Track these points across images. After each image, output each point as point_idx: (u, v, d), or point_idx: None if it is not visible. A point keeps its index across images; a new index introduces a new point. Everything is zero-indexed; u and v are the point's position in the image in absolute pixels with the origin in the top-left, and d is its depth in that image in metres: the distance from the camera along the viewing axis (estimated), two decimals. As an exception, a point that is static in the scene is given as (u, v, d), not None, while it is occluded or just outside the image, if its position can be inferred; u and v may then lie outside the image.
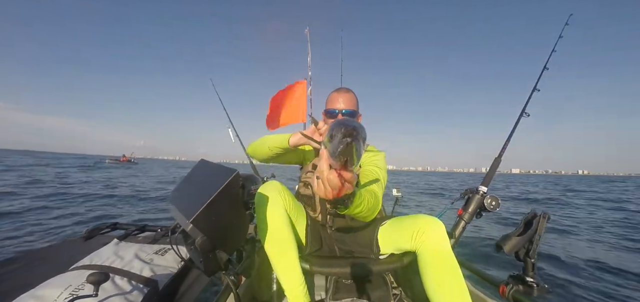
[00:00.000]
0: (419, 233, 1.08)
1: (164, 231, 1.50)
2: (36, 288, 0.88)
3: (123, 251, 1.18)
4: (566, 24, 1.72)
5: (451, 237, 1.33)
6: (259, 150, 1.27)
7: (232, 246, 0.86)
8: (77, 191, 7.65)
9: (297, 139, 1.14)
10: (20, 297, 0.84)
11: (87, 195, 7.09)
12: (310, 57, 2.91)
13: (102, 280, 0.80)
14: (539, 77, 1.61)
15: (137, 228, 1.60)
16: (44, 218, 4.43)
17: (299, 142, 1.15)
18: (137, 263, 1.10)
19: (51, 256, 1.30)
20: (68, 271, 1.02)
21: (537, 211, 1.11)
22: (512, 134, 1.52)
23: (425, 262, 1.06)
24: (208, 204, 0.68)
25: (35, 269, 1.17)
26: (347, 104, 1.21)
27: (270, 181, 1.10)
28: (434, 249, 1.05)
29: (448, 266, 1.03)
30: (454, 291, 1.00)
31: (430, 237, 1.06)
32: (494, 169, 1.46)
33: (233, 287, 0.97)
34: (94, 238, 1.49)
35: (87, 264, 1.08)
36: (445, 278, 1.02)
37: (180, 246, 0.99)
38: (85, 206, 5.82)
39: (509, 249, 1.08)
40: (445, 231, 1.08)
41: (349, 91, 1.24)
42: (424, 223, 1.10)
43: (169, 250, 1.26)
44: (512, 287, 1.07)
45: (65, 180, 10.18)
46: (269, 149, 1.21)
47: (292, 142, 1.14)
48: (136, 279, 1.01)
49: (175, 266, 1.17)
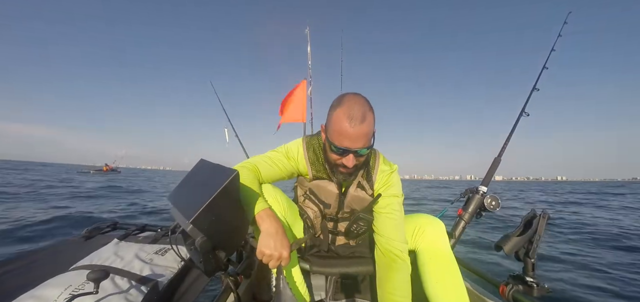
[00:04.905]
0: (418, 232, 1.08)
1: (164, 231, 1.49)
2: (36, 288, 0.88)
3: (123, 251, 1.18)
4: (565, 23, 1.72)
5: (451, 237, 1.33)
6: (244, 181, 0.91)
7: (232, 246, 0.86)
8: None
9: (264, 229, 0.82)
10: (20, 297, 0.84)
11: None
12: (310, 57, 2.92)
13: (101, 277, 0.80)
14: (538, 76, 1.61)
15: (137, 228, 1.59)
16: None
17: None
18: (137, 263, 1.10)
19: (51, 256, 1.30)
20: (68, 271, 1.02)
21: (537, 211, 1.11)
22: (511, 133, 1.52)
23: (424, 262, 1.06)
24: (208, 205, 0.68)
25: (35, 269, 1.17)
26: (364, 141, 0.89)
27: (264, 185, 1.03)
28: (433, 248, 1.05)
29: (447, 265, 1.03)
30: (452, 291, 1.00)
31: (430, 237, 1.06)
32: (494, 169, 1.46)
33: (233, 288, 0.97)
34: (94, 238, 1.48)
35: (87, 264, 1.08)
36: (443, 277, 1.02)
37: (180, 246, 0.99)
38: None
39: (509, 249, 1.08)
40: (445, 230, 1.08)
41: (364, 119, 0.87)
42: (424, 222, 1.10)
43: (169, 250, 1.26)
44: (512, 287, 1.07)
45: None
46: (244, 192, 0.89)
47: (260, 217, 0.84)
48: (136, 279, 1.01)
49: (175, 266, 1.17)
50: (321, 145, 1.09)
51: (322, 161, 1.08)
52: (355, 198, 1.09)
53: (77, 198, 7.90)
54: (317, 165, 1.09)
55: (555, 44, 1.66)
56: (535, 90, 1.58)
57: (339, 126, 0.88)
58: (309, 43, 2.96)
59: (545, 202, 11.38)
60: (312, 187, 1.12)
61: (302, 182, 1.16)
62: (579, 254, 3.58)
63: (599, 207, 9.09)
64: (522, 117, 1.54)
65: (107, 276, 0.82)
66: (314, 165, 1.09)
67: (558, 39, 1.67)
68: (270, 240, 0.78)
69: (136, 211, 6.56)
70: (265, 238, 0.79)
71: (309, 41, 2.97)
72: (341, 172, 0.97)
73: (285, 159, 1.08)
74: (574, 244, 4.06)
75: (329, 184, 1.08)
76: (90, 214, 5.57)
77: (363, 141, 0.89)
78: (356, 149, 0.89)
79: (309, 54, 2.93)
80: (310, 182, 1.12)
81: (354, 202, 1.10)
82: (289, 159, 1.08)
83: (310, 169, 1.10)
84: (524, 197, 15.43)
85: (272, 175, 1.06)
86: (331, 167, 1.02)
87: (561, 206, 9.94)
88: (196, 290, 1.09)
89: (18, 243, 3.43)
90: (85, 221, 4.70)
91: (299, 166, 1.11)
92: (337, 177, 1.01)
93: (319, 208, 1.13)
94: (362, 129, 0.87)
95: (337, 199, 1.10)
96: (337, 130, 0.89)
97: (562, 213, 7.55)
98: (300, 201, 1.18)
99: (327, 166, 1.05)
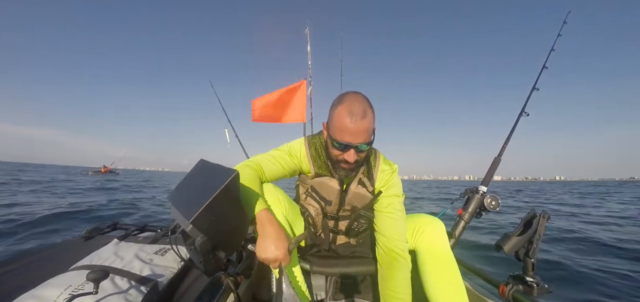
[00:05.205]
0: (418, 232, 1.08)
1: (164, 231, 1.50)
2: (36, 288, 0.88)
3: (123, 251, 1.18)
4: (564, 23, 1.72)
5: (451, 237, 1.33)
6: (245, 180, 0.91)
7: (232, 246, 0.86)
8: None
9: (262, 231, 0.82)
10: (20, 297, 0.84)
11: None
12: (310, 57, 2.92)
13: (101, 277, 0.80)
14: (538, 76, 1.61)
15: (137, 228, 1.60)
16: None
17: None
18: (137, 263, 1.10)
19: (51, 256, 1.30)
20: (68, 271, 1.02)
21: (537, 211, 1.11)
22: (511, 133, 1.52)
23: (423, 261, 1.06)
24: (208, 205, 0.68)
25: (35, 269, 1.17)
26: (364, 136, 0.92)
27: (265, 184, 1.04)
28: (433, 248, 1.06)
29: (446, 265, 1.03)
30: (452, 290, 1.00)
31: (430, 237, 1.07)
32: (494, 169, 1.45)
33: (233, 288, 0.97)
34: (94, 238, 1.49)
35: (87, 264, 1.08)
36: (443, 277, 1.02)
37: (180, 246, 0.99)
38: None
39: (509, 249, 1.08)
40: (444, 230, 1.09)
41: (365, 115, 0.90)
42: (424, 222, 1.10)
43: (169, 250, 1.26)
44: (512, 287, 1.07)
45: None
46: (244, 192, 0.89)
47: (258, 218, 0.84)
48: (136, 279, 1.01)
49: (175, 266, 1.17)
50: (323, 143, 1.10)
51: (323, 158, 1.09)
52: (357, 195, 1.11)
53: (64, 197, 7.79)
54: (318, 162, 1.10)
55: (555, 43, 1.66)
56: (535, 90, 1.58)
57: (341, 122, 0.91)
58: (309, 43, 2.96)
59: (527, 203, 11.30)
60: (314, 184, 1.13)
61: (304, 180, 1.17)
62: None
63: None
64: (522, 117, 1.54)
65: (106, 276, 0.82)
66: (315, 162, 1.11)
67: (558, 38, 1.67)
68: (269, 242, 0.78)
69: (117, 206, 6.58)
70: (264, 240, 0.79)
71: (309, 41, 2.97)
72: (343, 168, 1.00)
73: (288, 156, 1.09)
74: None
75: (331, 180, 1.10)
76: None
77: (364, 137, 0.92)
78: (357, 144, 0.92)
79: (309, 53, 2.93)
80: (312, 180, 1.13)
81: (355, 199, 1.12)
82: (292, 157, 1.10)
83: (312, 166, 1.11)
84: (519, 197, 15.43)
85: (275, 172, 1.07)
86: (333, 164, 1.04)
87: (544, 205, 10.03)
88: (196, 290, 1.09)
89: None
90: (56, 217, 4.67)
91: (302, 163, 1.13)
92: (339, 173, 1.03)
93: (321, 206, 1.14)
94: (363, 124, 0.90)
95: (338, 196, 1.12)
96: (338, 126, 0.92)
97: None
98: (302, 199, 1.19)
99: (328, 163, 1.07)
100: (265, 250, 0.77)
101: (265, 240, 0.79)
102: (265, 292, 1.37)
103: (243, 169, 0.95)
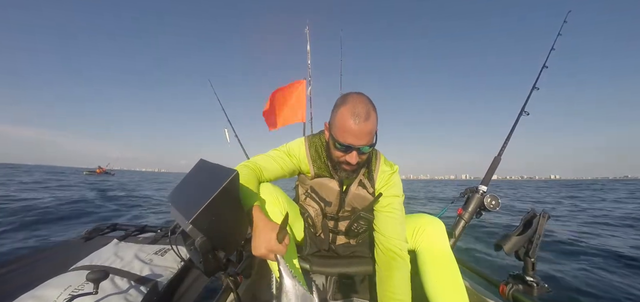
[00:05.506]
0: (418, 232, 1.08)
1: (164, 231, 1.50)
2: (36, 288, 0.88)
3: (123, 252, 1.18)
4: (564, 22, 1.72)
5: (451, 236, 1.33)
6: (243, 180, 0.90)
7: (231, 246, 0.85)
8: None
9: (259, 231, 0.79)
10: (20, 297, 0.84)
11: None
12: (309, 56, 2.91)
13: (101, 278, 0.80)
14: (538, 75, 1.61)
15: (137, 229, 1.60)
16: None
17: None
18: (136, 263, 1.10)
19: (51, 256, 1.30)
20: (68, 271, 1.02)
21: (537, 211, 1.11)
22: (511, 132, 1.52)
23: (424, 261, 1.06)
24: (208, 205, 0.68)
25: (35, 269, 1.17)
26: (367, 138, 0.91)
27: (263, 184, 1.03)
28: (433, 248, 1.05)
29: (447, 265, 1.03)
30: (452, 290, 1.00)
31: (430, 236, 1.06)
32: (494, 168, 1.45)
33: (233, 288, 0.97)
34: (94, 239, 1.49)
35: (87, 264, 1.08)
36: (443, 277, 1.02)
37: (180, 247, 0.99)
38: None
39: (509, 248, 1.08)
40: (445, 230, 1.08)
41: (368, 117, 0.89)
42: (424, 222, 1.10)
43: (169, 250, 1.26)
44: (512, 287, 1.07)
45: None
46: (242, 192, 0.88)
47: (254, 217, 0.82)
48: (136, 279, 1.01)
49: (175, 267, 1.17)
50: (323, 143, 1.10)
51: (324, 159, 1.09)
52: (357, 196, 1.10)
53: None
54: (318, 163, 1.10)
55: (555, 43, 1.66)
56: (535, 90, 1.57)
57: (343, 123, 0.90)
58: (309, 42, 2.95)
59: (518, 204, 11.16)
60: (313, 185, 1.12)
61: (304, 181, 1.17)
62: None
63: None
64: (522, 116, 1.54)
65: (106, 276, 0.82)
66: (315, 163, 1.10)
67: (558, 37, 1.67)
68: (259, 235, 0.76)
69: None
70: (255, 236, 0.77)
71: (309, 40, 2.95)
72: (344, 169, 0.99)
73: (287, 156, 1.09)
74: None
75: (331, 182, 1.09)
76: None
77: (366, 139, 0.91)
78: (359, 146, 0.91)
79: (309, 53, 2.92)
80: (311, 180, 1.12)
81: (355, 200, 1.11)
82: (291, 157, 1.09)
83: (312, 166, 1.10)
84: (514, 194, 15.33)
85: (274, 173, 1.06)
86: (334, 165, 1.03)
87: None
88: (196, 290, 1.09)
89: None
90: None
91: (301, 163, 1.12)
92: (340, 174, 1.02)
93: (320, 206, 1.14)
94: (366, 126, 0.89)
95: (338, 197, 1.11)
96: (341, 127, 0.91)
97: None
98: (301, 199, 1.18)
99: (329, 164, 1.06)
100: (257, 246, 0.75)
101: (256, 235, 0.77)
102: (265, 292, 1.37)
103: (241, 169, 0.94)
